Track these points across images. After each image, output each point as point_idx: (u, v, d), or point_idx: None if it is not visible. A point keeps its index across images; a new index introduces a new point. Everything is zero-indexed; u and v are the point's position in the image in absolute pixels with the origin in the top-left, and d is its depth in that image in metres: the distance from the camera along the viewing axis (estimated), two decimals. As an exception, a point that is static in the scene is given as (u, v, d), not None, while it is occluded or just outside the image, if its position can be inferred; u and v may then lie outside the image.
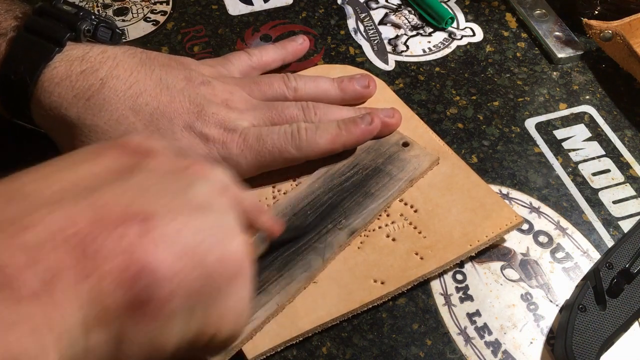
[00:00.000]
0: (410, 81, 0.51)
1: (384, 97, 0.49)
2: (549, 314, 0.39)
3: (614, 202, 0.44)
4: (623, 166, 0.46)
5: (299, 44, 0.51)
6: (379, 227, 0.41)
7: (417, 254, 0.39)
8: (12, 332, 0.19)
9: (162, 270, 0.22)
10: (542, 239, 0.42)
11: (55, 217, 0.21)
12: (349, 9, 0.58)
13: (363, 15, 0.57)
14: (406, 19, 0.57)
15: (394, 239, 0.40)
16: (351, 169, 0.43)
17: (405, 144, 0.44)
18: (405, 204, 0.42)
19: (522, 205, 0.44)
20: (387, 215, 0.41)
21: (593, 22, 0.51)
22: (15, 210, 0.21)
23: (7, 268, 0.19)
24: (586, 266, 0.41)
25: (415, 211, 0.41)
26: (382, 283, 0.38)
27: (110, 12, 0.56)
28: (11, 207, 0.21)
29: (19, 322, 0.19)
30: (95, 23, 0.41)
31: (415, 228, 0.41)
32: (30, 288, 0.19)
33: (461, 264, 0.41)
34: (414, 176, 0.42)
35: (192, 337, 0.24)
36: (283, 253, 0.38)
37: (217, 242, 0.24)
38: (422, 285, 0.40)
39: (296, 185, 0.43)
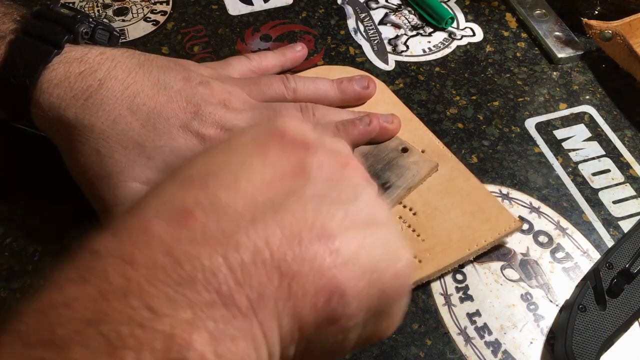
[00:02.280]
0: (410, 81, 0.51)
1: (383, 98, 0.48)
2: (549, 314, 0.39)
3: (614, 202, 0.44)
4: (623, 166, 0.46)
5: (298, 52, 0.51)
6: None
7: (415, 257, 0.39)
8: (236, 343, 0.20)
9: (349, 291, 0.23)
10: (542, 239, 0.42)
11: (254, 237, 0.21)
12: (349, 9, 0.58)
13: (363, 15, 0.57)
14: (406, 19, 0.57)
15: None
16: None
17: (405, 150, 0.44)
18: (405, 206, 0.42)
19: (522, 205, 0.44)
20: None
21: (593, 22, 0.51)
22: (224, 226, 0.22)
23: (223, 286, 0.20)
24: (586, 266, 0.41)
25: (414, 214, 0.41)
26: None
27: (110, 12, 0.56)
28: (214, 224, 0.22)
29: (238, 336, 0.20)
30: (93, 26, 0.41)
31: (414, 231, 0.40)
32: (241, 307, 0.21)
33: (461, 264, 0.40)
34: (413, 184, 0.42)
35: (361, 342, 0.26)
36: None
37: (391, 258, 0.24)
38: (422, 285, 0.40)
39: None
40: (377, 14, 0.57)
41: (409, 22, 0.57)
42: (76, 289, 0.20)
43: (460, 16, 0.57)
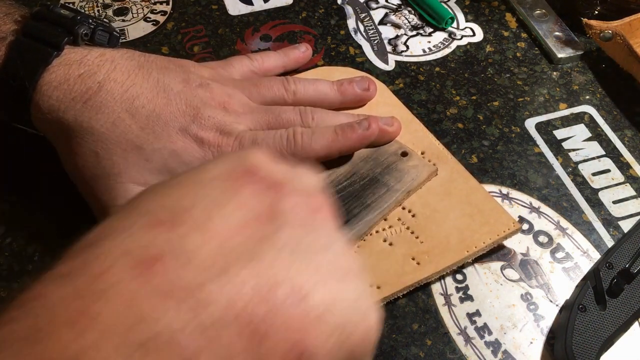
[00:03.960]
0: (410, 81, 0.51)
1: (383, 100, 0.48)
2: (549, 314, 0.39)
3: (614, 202, 0.44)
4: (623, 166, 0.46)
5: (302, 52, 0.51)
6: (376, 232, 0.40)
7: (413, 259, 0.39)
8: None
9: (319, 350, 0.21)
10: (542, 239, 0.42)
11: (226, 289, 0.20)
12: (349, 9, 0.58)
13: (363, 15, 0.57)
14: (406, 19, 0.57)
15: (390, 244, 0.40)
16: (348, 179, 0.42)
17: (404, 154, 0.43)
18: (403, 208, 0.42)
19: (522, 205, 0.44)
20: (385, 220, 0.41)
21: (593, 22, 0.51)
22: (189, 277, 0.20)
23: (186, 350, 0.18)
24: (586, 266, 0.41)
25: (413, 216, 0.41)
26: (378, 288, 0.38)
27: (110, 12, 0.56)
28: (184, 271, 0.20)
29: None
30: (92, 27, 0.41)
31: (412, 233, 0.40)
32: None
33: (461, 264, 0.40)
34: (412, 187, 0.42)
35: None
36: None
37: (361, 315, 0.23)
38: (422, 286, 0.40)
39: None
40: (377, 14, 0.57)
41: (409, 22, 0.57)
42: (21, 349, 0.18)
43: (460, 16, 0.57)
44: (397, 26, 0.56)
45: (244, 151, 0.26)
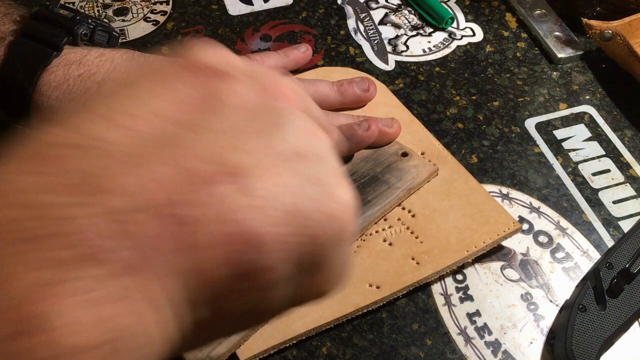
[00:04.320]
0: (410, 81, 0.51)
1: (384, 100, 0.48)
2: (549, 314, 0.39)
3: (614, 202, 0.44)
4: (623, 166, 0.46)
5: (302, 52, 0.51)
6: (376, 232, 0.40)
7: (413, 259, 0.39)
8: (109, 308, 0.17)
9: (267, 238, 0.19)
10: (542, 239, 0.42)
11: (143, 179, 0.18)
12: (349, 9, 0.58)
13: (363, 15, 0.57)
14: (406, 19, 0.57)
15: (390, 244, 0.40)
16: (348, 177, 0.42)
17: (405, 154, 0.43)
18: (403, 208, 0.42)
19: (522, 205, 0.44)
20: (385, 220, 0.41)
21: (593, 22, 0.51)
22: (104, 168, 0.18)
23: (96, 240, 0.17)
24: (586, 266, 0.41)
25: (413, 216, 0.41)
26: (378, 287, 0.38)
27: (110, 12, 0.56)
28: (99, 162, 0.18)
29: (126, 297, 0.17)
30: (92, 27, 0.41)
31: (412, 233, 0.40)
32: (124, 261, 0.17)
33: (461, 264, 0.40)
34: (412, 185, 0.42)
35: (294, 301, 0.22)
36: None
37: (321, 196, 0.20)
38: (422, 286, 0.40)
39: None
40: (377, 14, 0.57)
41: (409, 22, 0.57)
42: None
43: (460, 16, 0.57)
44: (397, 26, 0.56)
45: (194, 46, 0.23)
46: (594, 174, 0.46)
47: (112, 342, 0.16)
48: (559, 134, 0.48)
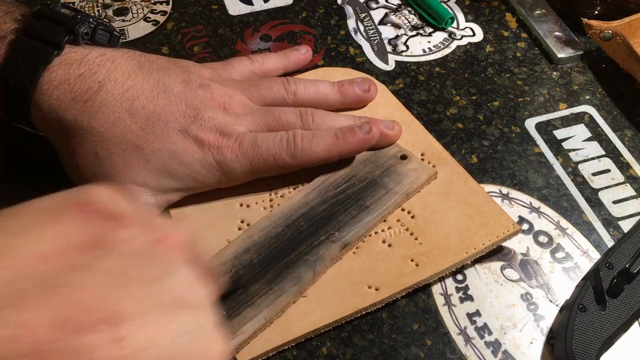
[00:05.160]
0: (410, 81, 0.51)
1: (384, 101, 0.48)
2: (549, 314, 0.39)
3: (614, 202, 0.44)
4: (623, 166, 0.46)
5: (302, 54, 0.51)
6: (375, 233, 0.40)
7: (412, 260, 0.39)
8: None
9: None
10: (542, 239, 0.42)
11: (12, 322, 0.17)
12: (349, 9, 0.58)
13: (363, 15, 0.57)
14: (406, 19, 0.57)
15: (389, 245, 0.40)
16: (347, 181, 0.42)
17: (404, 157, 0.43)
18: (403, 209, 0.41)
19: (522, 205, 0.44)
20: (384, 221, 0.41)
21: (593, 22, 0.51)
22: None
23: None
24: (586, 266, 0.41)
25: (412, 217, 0.41)
26: (377, 289, 0.38)
27: (110, 12, 0.56)
28: None
29: None
30: (93, 26, 0.41)
31: (411, 234, 0.40)
32: None
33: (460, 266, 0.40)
34: (411, 190, 0.42)
35: None
36: (274, 265, 0.38)
37: (199, 348, 0.21)
38: (422, 286, 0.40)
39: (297, 191, 0.42)
40: (377, 14, 0.57)
41: (409, 22, 0.57)
42: None
43: (460, 16, 0.57)
44: (397, 26, 0.56)
45: (86, 186, 0.23)
46: (594, 174, 0.46)
47: None
48: (559, 134, 0.48)
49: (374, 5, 0.58)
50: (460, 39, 0.55)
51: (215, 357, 0.22)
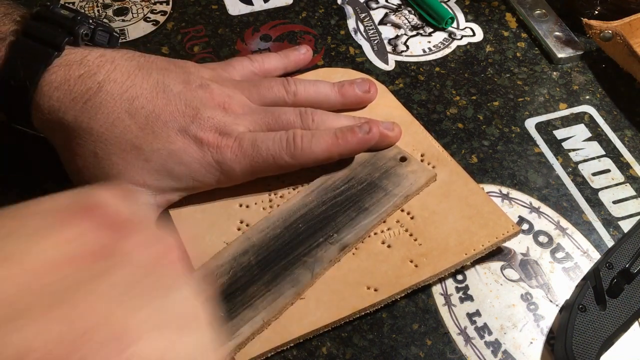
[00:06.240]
0: (410, 81, 0.51)
1: (384, 101, 0.48)
2: (549, 314, 0.39)
3: (614, 202, 0.44)
4: (623, 166, 0.46)
5: (302, 54, 0.50)
6: (375, 234, 0.40)
7: (411, 261, 0.39)
8: None
9: None
10: (542, 239, 0.42)
11: (18, 338, 0.17)
12: (349, 9, 0.58)
13: (363, 15, 0.57)
14: (406, 19, 0.57)
15: (389, 246, 0.40)
16: (346, 183, 0.42)
17: (403, 159, 0.43)
18: (402, 210, 0.41)
19: (522, 205, 0.44)
20: (384, 222, 0.41)
21: (593, 22, 0.51)
22: None
23: None
24: (586, 266, 0.41)
25: (412, 218, 0.41)
26: (376, 290, 0.38)
27: (110, 12, 0.56)
28: None
29: None
30: (92, 27, 0.41)
31: (411, 235, 0.40)
32: None
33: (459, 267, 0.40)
34: (410, 192, 0.41)
35: None
36: (272, 267, 0.38)
37: None
38: (422, 287, 0.40)
39: (296, 192, 0.42)
40: (377, 14, 0.57)
41: (409, 22, 0.57)
42: None
43: (460, 16, 0.57)
44: (397, 26, 0.56)
45: (91, 188, 0.23)
46: (594, 174, 0.46)
47: None
48: (559, 134, 0.48)
49: (374, 5, 0.58)
50: (460, 39, 0.55)
51: None
